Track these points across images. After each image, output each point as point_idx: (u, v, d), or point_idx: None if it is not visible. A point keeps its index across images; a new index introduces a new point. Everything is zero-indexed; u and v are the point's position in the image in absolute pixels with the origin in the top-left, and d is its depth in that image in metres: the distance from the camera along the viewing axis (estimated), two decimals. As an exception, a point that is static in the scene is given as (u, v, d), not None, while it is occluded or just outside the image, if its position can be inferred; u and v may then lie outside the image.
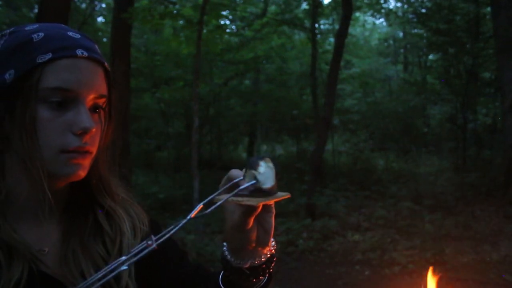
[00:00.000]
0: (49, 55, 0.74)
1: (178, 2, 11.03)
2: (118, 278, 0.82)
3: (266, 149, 16.08)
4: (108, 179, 0.87)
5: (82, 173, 0.78)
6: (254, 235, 0.79)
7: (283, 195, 0.74)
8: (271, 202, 0.74)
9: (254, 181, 0.71)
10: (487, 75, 12.15)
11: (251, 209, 0.75)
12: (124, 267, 0.59)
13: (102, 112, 0.81)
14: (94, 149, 0.78)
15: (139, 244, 0.65)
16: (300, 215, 7.28)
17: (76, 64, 0.75)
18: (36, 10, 11.16)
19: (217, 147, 14.14)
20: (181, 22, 8.52)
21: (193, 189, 6.03)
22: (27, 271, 0.73)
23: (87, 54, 0.76)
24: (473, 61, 10.41)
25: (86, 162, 0.78)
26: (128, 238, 0.86)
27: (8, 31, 0.79)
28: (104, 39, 11.86)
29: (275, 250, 0.84)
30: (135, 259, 0.62)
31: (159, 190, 8.48)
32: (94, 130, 0.76)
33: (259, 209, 0.76)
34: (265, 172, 0.72)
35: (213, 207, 0.69)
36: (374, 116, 12.69)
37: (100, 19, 15.90)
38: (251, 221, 0.77)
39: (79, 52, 0.76)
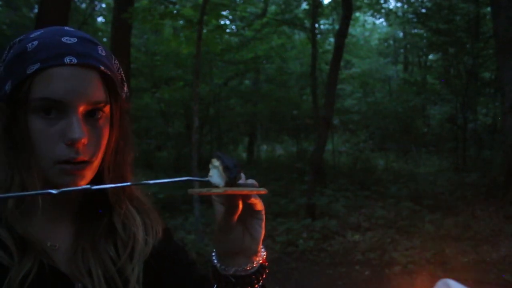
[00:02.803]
0: (37, 65, 0.73)
1: (178, 2, 11.03)
2: (126, 281, 0.83)
3: (266, 149, 16.09)
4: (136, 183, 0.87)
5: (81, 183, 0.77)
6: (239, 240, 0.78)
7: (259, 190, 0.73)
8: (240, 192, 0.73)
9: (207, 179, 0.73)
10: (487, 75, 12.16)
11: (231, 208, 0.75)
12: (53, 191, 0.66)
13: (103, 116, 0.79)
14: (89, 157, 0.77)
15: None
16: (300, 215, 7.27)
17: (64, 73, 0.73)
18: (36, 10, 11.16)
19: (217, 147, 14.13)
20: (181, 22, 8.51)
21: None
22: (38, 265, 0.75)
23: (76, 61, 0.74)
24: (473, 61, 10.41)
25: (83, 171, 0.77)
26: (141, 244, 0.86)
27: (18, 39, 0.80)
28: (104, 39, 11.86)
29: (265, 261, 0.82)
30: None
31: (159, 190, 8.47)
32: (85, 140, 0.74)
33: (240, 208, 0.75)
34: (213, 174, 0.73)
35: (159, 181, 0.71)
36: (374, 116, 12.70)
37: (100, 19, 15.92)
38: (233, 221, 0.76)
39: (67, 59, 0.74)
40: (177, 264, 0.94)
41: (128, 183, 0.77)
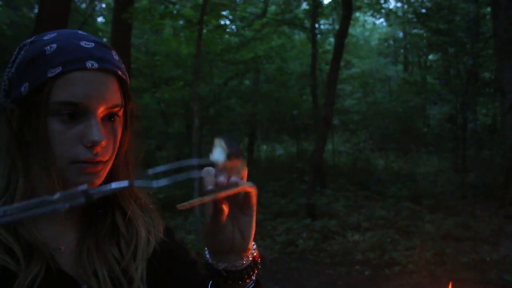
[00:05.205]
0: (59, 69, 0.74)
1: (178, 2, 11.03)
2: (130, 280, 0.84)
3: (266, 149, 16.08)
4: (132, 183, 0.88)
5: (97, 181, 0.78)
6: (229, 240, 0.79)
7: (244, 186, 0.74)
8: (231, 192, 0.73)
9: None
10: (487, 75, 12.16)
11: (218, 209, 0.75)
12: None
13: (117, 119, 0.81)
14: (107, 158, 0.79)
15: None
16: (300, 215, 7.28)
17: (85, 77, 0.75)
18: (36, 10, 11.16)
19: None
20: (181, 22, 8.52)
21: (193, 189, 6.03)
22: (44, 269, 0.75)
23: (97, 66, 0.76)
24: (473, 61, 10.41)
25: (100, 170, 0.78)
26: (143, 243, 0.88)
27: (29, 40, 0.81)
28: (104, 39, 11.86)
29: (257, 256, 0.83)
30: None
31: (159, 190, 8.43)
32: (104, 142, 0.76)
33: (225, 211, 0.76)
34: (214, 152, 0.74)
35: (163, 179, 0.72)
36: (374, 116, 12.70)
37: (100, 19, 15.90)
38: (221, 223, 0.77)
39: (88, 64, 0.75)
40: (178, 263, 0.95)
41: (125, 183, 0.73)
